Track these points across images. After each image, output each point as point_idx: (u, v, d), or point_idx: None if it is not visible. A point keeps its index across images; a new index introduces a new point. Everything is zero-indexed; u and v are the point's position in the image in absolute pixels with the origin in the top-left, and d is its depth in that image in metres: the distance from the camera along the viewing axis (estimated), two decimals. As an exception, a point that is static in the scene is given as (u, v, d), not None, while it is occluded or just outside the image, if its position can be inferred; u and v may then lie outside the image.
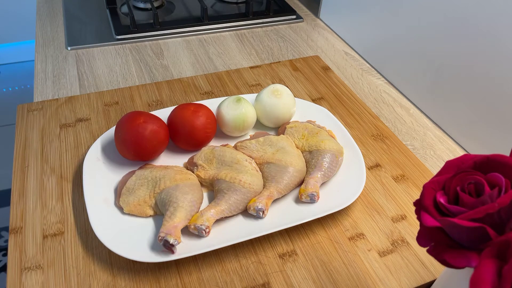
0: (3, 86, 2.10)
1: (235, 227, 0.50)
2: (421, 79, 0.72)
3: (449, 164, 0.32)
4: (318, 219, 0.53)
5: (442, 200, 0.29)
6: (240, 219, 0.51)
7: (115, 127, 0.56)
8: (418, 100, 0.74)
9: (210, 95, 0.73)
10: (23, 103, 0.68)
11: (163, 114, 0.63)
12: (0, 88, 2.08)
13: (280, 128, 0.63)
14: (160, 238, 0.45)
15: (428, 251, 0.30)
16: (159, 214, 0.51)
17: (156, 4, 0.98)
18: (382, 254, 0.50)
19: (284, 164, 0.55)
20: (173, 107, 0.65)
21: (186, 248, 0.47)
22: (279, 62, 0.83)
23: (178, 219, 0.47)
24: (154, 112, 0.63)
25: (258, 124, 0.65)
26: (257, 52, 0.87)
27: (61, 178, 0.57)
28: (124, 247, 0.46)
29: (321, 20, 1.00)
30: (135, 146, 0.54)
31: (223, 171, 0.54)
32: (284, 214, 0.52)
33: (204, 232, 0.48)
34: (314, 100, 0.73)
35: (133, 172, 0.54)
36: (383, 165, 0.62)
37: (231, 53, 0.86)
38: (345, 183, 0.56)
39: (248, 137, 0.63)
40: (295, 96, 0.73)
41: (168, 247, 0.46)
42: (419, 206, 0.31)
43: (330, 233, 0.52)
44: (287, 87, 0.68)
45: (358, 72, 0.83)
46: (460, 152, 0.66)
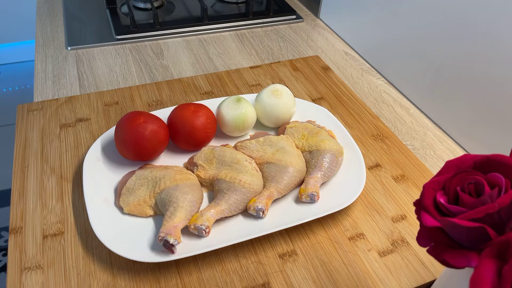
0: (3, 86, 2.10)
1: (235, 227, 0.50)
2: (421, 79, 0.72)
3: (449, 164, 0.32)
4: (318, 219, 0.53)
5: (442, 200, 0.29)
6: (240, 219, 0.51)
7: (115, 127, 0.56)
8: (418, 100, 0.74)
9: (210, 95, 0.73)
10: (23, 103, 0.68)
11: (163, 114, 0.63)
12: (0, 88, 2.08)
13: (280, 128, 0.63)
14: (160, 238, 0.45)
15: (428, 251, 0.30)
16: (159, 214, 0.51)
17: (156, 4, 0.98)
18: (382, 254, 0.50)
19: (284, 164, 0.55)
20: (173, 107, 0.65)
21: (186, 248, 0.47)
22: (279, 62, 0.83)
23: (178, 219, 0.47)
24: (154, 112, 0.63)
25: (258, 124, 0.65)
26: (257, 52, 0.87)
27: (61, 178, 0.57)
28: (124, 247, 0.46)
29: (321, 20, 1.00)
30: (135, 146, 0.54)
31: (223, 171, 0.54)
32: (284, 214, 0.52)
33: (204, 232, 0.48)
34: (314, 100, 0.73)
35: (133, 172, 0.54)
36: (383, 165, 0.62)
37: (231, 53, 0.86)
38: (345, 183, 0.56)
39: (248, 137, 0.63)
40: (295, 96, 0.73)
41: (168, 247, 0.46)
42: (419, 206, 0.31)
43: (330, 233, 0.52)
44: (287, 87, 0.68)
45: (358, 72, 0.83)
46: (460, 152, 0.66)
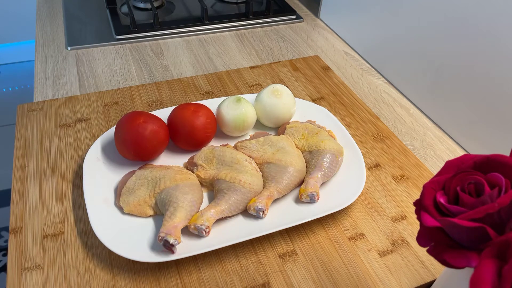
0: (3, 86, 2.10)
1: (235, 227, 0.50)
2: (421, 79, 0.72)
3: (449, 164, 0.32)
4: (318, 219, 0.53)
5: (442, 200, 0.29)
6: (240, 219, 0.51)
7: (115, 127, 0.56)
8: (418, 100, 0.74)
9: (210, 95, 0.73)
10: (23, 103, 0.68)
11: (163, 114, 0.63)
12: (0, 88, 2.08)
13: (280, 128, 0.63)
14: (160, 238, 0.45)
15: (428, 251, 0.30)
16: (159, 214, 0.51)
17: (156, 4, 0.98)
18: (382, 254, 0.50)
19: (284, 164, 0.55)
20: (173, 107, 0.65)
21: (186, 248, 0.47)
22: (279, 62, 0.83)
23: (178, 219, 0.47)
24: (154, 112, 0.63)
25: (258, 124, 0.65)
26: (257, 52, 0.87)
27: (61, 178, 0.57)
28: (124, 247, 0.46)
29: (321, 20, 1.00)
30: (135, 146, 0.54)
31: (223, 171, 0.54)
32: (284, 214, 0.52)
33: (204, 232, 0.48)
34: (314, 100, 0.73)
35: (133, 172, 0.54)
36: (383, 165, 0.62)
37: (231, 53, 0.86)
38: (345, 183, 0.56)
39: (248, 137, 0.63)
40: (295, 96, 0.73)
41: (168, 247, 0.46)
42: (419, 206, 0.31)
43: (330, 233, 0.52)
44: (287, 87, 0.68)
45: (358, 72, 0.83)
46: (460, 152, 0.66)
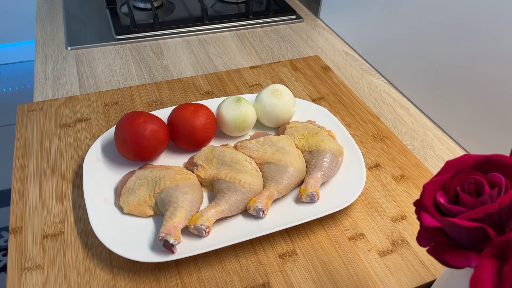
0: (3, 86, 2.10)
1: (235, 227, 0.50)
2: (421, 79, 0.72)
3: (449, 164, 0.32)
4: (318, 219, 0.53)
5: (442, 200, 0.29)
6: (240, 219, 0.51)
7: (115, 127, 0.56)
8: (418, 100, 0.74)
9: (210, 95, 0.73)
10: (23, 103, 0.68)
11: (163, 114, 0.63)
12: (0, 88, 2.08)
13: (280, 128, 0.63)
14: (160, 238, 0.45)
15: (428, 251, 0.30)
16: (159, 214, 0.51)
17: (156, 4, 0.98)
18: (382, 254, 0.50)
19: (284, 164, 0.55)
20: (173, 107, 0.65)
21: (186, 248, 0.47)
22: (279, 62, 0.83)
23: (178, 219, 0.47)
24: (154, 112, 0.63)
25: (258, 124, 0.65)
26: (257, 52, 0.87)
27: (61, 178, 0.57)
28: (124, 247, 0.46)
29: (321, 20, 1.00)
30: (135, 146, 0.54)
31: (223, 171, 0.54)
32: (284, 214, 0.52)
33: (204, 232, 0.48)
34: (314, 100, 0.73)
35: (133, 172, 0.54)
36: (383, 165, 0.62)
37: (231, 53, 0.86)
38: (345, 183, 0.56)
39: (248, 137, 0.63)
40: (295, 96, 0.73)
41: (168, 247, 0.46)
42: (419, 206, 0.31)
43: (330, 233, 0.52)
44: (287, 87, 0.68)
45: (358, 72, 0.83)
46: (460, 152, 0.66)
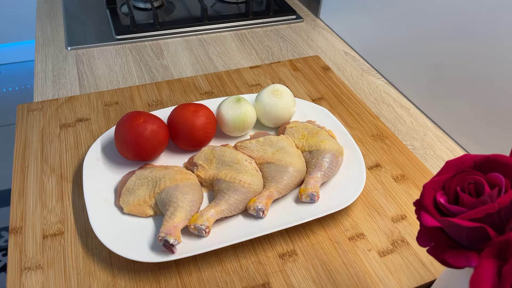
0: (3, 86, 2.10)
1: (235, 227, 0.50)
2: (421, 79, 0.72)
3: (449, 164, 0.32)
4: (318, 219, 0.53)
5: (442, 200, 0.29)
6: (240, 219, 0.51)
7: (115, 127, 0.56)
8: (418, 100, 0.74)
9: (210, 95, 0.73)
10: (23, 103, 0.68)
11: (163, 114, 0.63)
12: (0, 88, 2.08)
13: (280, 128, 0.63)
14: (160, 238, 0.45)
15: (428, 251, 0.30)
16: (159, 214, 0.51)
17: (156, 4, 0.98)
18: (382, 254, 0.50)
19: (284, 164, 0.55)
20: (173, 107, 0.65)
21: (186, 248, 0.47)
22: (279, 62, 0.83)
23: (178, 219, 0.47)
24: (154, 112, 0.63)
25: (258, 124, 0.65)
26: (257, 52, 0.87)
27: (61, 178, 0.57)
28: (124, 247, 0.46)
29: (321, 20, 1.00)
30: (135, 146, 0.54)
31: (223, 171, 0.54)
32: (284, 214, 0.52)
33: (204, 232, 0.48)
34: (314, 100, 0.73)
35: (133, 172, 0.54)
36: (383, 165, 0.62)
37: (231, 53, 0.86)
38: (345, 183, 0.56)
39: (248, 137, 0.63)
40: (295, 96, 0.73)
41: (168, 247, 0.46)
42: (419, 206, 0.31)
43: (330, 233, 0.52)
44: (287, 87, 0.68)
45: (358, 72, 0.83)
46: (460, 152, 0.66)
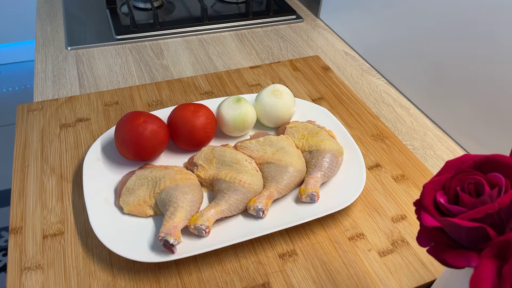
0: (3, 86, 2.10)
1: (235, 227, 0.50)
2: (421, 79, 0.72)
3: (449, 164, 0.32)
4: (318, 219, 0.53)
5: (442, 200, 0.29)
6: (240, 219, 0.51)
7: (115, 127, 0.56)
8: (418, 100, 0.74)
9: (210, 95, 0.73)
10: (23, 103, 0.68)
11: (163, 114, 0.63)
12: (0, 88, 2.08)
13: (280, 128, 0.63)
14: (160, 238, 0.45)
15: (428, 251, 0.30)
16: (159, 214, 0.51)
17: (156, 4, 0.98)
18: (382, 254, 0.50)
19: (284, 164, 0.55)
20: (173, 107, 0.65)
21: (186, 248, 0.47)
22: (279, 62, 0.83)
23: (178, 219, 0.47)
24: (154, 112, 0.63)
25: (258, 124, 0.65)
26: (257, 52, 0.87)
27: (61, 178, 0.57)
28: (124, 247, 0.46)
29: (321, 20, 1.00)
30: (135, 146, 0.54)
31: (223, 171, 0.54)
32: (284, 214, 0.52)
33: (204, 232, 0.48)
34: (314, 100, 0.73)
35: (133, 172, 0.54)
36: (383, 165, 0.62)
37: (231, 53, 0.86)
38: (345, 183, 0.56)
39: (248, 137, 0.63)
40: (295, 96, 0.73)
41: (168, 247, 0.46)
42: (419, 206, 0.31)
43: (330, 233, 0.52)
44: (287, 87, 0.68)
45: (358, 72, 0.83)
46: (460, 152, 0.66)
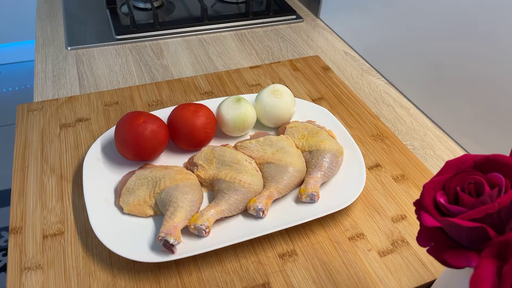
0: (3, 86, 2.10)
1: (235, 227, 0.50)
2: (421, 79, 0.72)
3: (449, 164, 0.32)
4: (318, 219, 0.53)
5: (442, 200, 0.29)
6: (240, 219, 0.51)
7: (115, 127, 0.56)
8: (418, 100, 0.74)
9: (210, 95, 0.73)
10: (23, 103, 0.68)
11: (163, 114, 0.63)
12: (0, 88, 2.08)
13: (280, 128, 0.63)
14: (160, 238, 0.45)
15: (428, 251, 0.30)
16: (159, 214, 0.51)
17: (156, 4, 0.98)
18: (382, 254, 0.50)
19: (284, 164, 0.55)
20: (173, 107, 0.65)
21: (186, 248, 0.47)
22: (279, 62, 0.83)
23: (178, 219, 0.47)
24: (154, 112, 0.63)
25: (258, 124, 0.65)
26: (257, 52, 0.87)
27: (61, 178, 0.57)
28: (124, 247, 0.46)
29: (321, 20, 1.00)
30: (135, 146, 0.54)
31: (223, 171, 0.54)
32: (284, 214, 0.52)
33: (204, 232, 0.48)
34: (314, 100, 0.73)
35: (133, 172, 0.54)
36: (383, 165, 0.62)
37: (231, 53, 0.86)
38: (345, 183, 0.56)
39: (248, 137, 0.63)
40: (295, 96, 0.73)
41: (168, 247, 0.46)
42: (419, 206, 0.31)
43: (330, 233, 0.52)
44: (287, 87, 0.68)
45: (358, 72, 0.83)
46: (460, 152, 0.66)
